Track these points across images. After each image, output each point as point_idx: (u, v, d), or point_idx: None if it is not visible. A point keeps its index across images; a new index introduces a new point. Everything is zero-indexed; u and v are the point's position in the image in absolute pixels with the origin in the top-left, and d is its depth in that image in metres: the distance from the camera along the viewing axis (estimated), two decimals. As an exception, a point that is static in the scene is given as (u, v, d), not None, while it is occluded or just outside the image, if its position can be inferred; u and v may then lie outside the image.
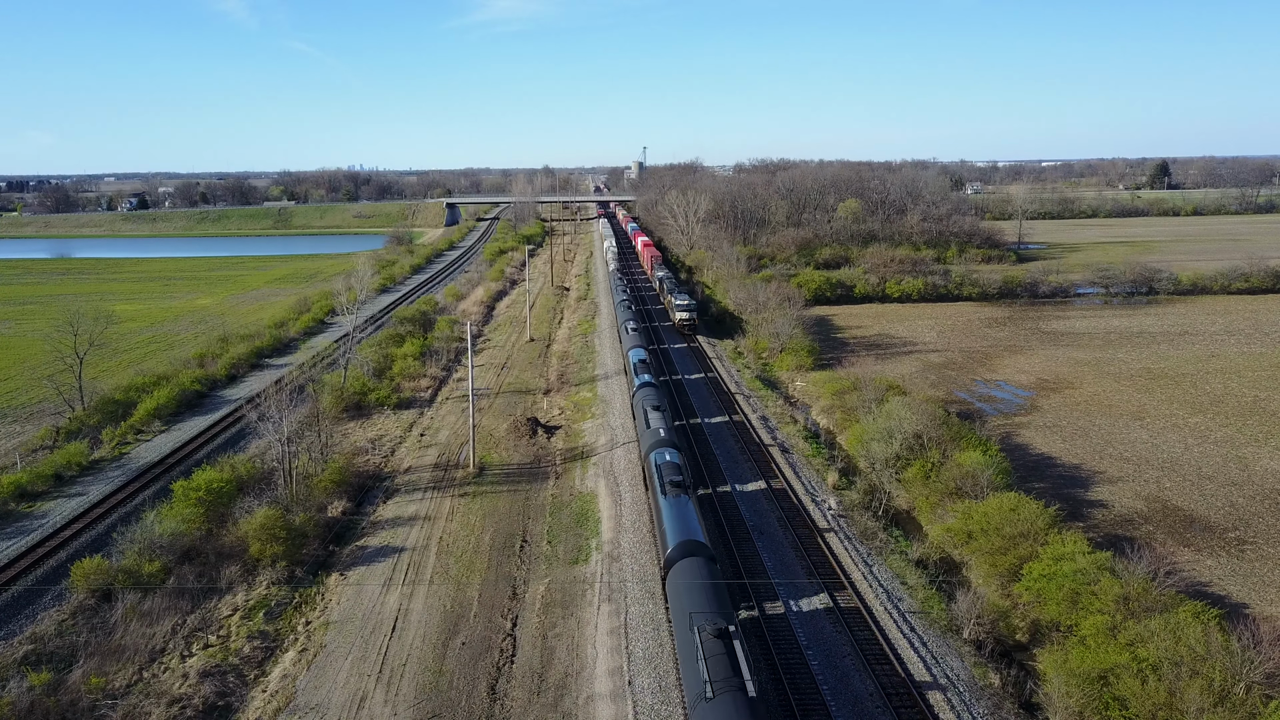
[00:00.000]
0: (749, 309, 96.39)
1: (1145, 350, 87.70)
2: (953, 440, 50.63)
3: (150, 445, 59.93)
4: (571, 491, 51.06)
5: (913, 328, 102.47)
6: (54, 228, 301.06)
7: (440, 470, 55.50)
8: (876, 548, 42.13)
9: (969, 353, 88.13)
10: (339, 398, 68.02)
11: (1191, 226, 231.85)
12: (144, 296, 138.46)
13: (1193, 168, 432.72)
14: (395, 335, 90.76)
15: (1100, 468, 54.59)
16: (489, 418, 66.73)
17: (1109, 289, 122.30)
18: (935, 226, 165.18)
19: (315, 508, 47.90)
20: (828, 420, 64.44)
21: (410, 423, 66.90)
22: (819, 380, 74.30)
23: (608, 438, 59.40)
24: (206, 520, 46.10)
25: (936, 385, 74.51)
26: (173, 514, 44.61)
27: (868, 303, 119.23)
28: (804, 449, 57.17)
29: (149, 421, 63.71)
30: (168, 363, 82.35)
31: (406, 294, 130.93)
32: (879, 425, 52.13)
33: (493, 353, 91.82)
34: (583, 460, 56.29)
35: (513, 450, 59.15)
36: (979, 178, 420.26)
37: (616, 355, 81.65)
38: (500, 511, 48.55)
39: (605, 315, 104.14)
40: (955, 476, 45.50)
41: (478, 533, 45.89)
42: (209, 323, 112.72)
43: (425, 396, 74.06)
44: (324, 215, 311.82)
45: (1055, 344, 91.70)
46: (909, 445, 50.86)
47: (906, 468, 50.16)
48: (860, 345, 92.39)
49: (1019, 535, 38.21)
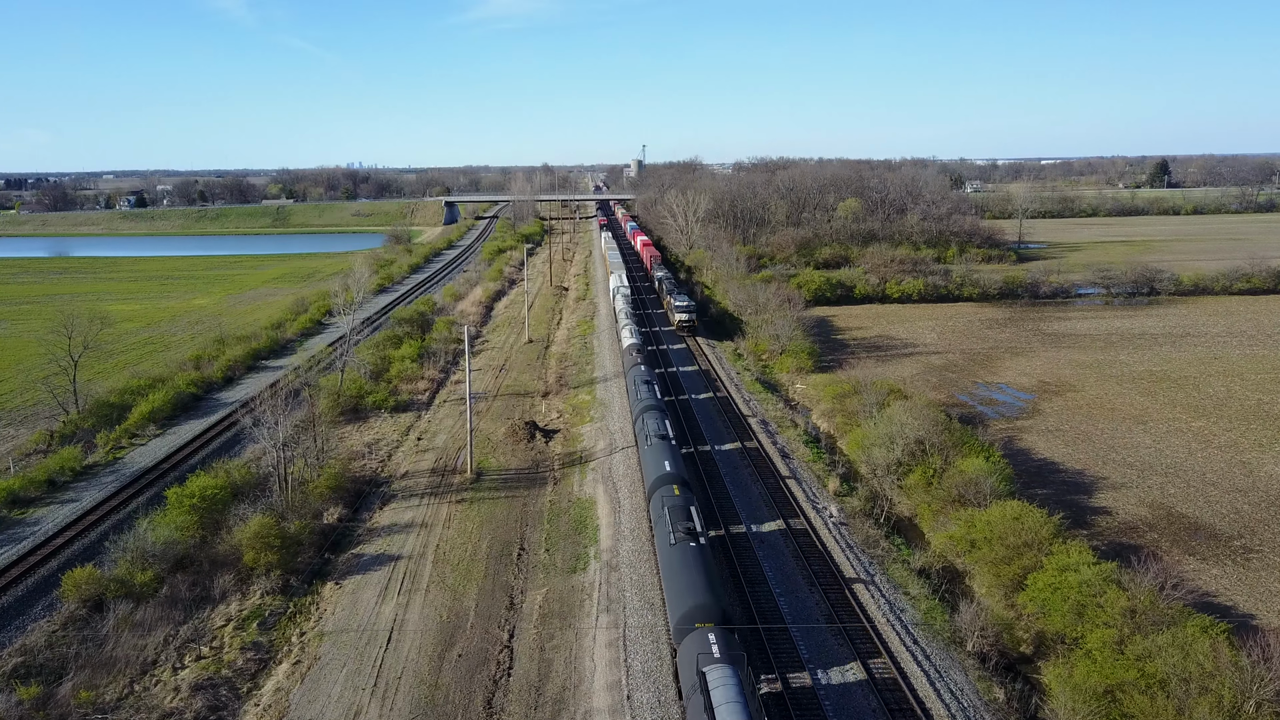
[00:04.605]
0: (749, 310, 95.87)
1: (1147, 352, 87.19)
2: (955, 446, 50.12)
3: (145, 450, 59.36)
4: (570, 497, 50.53)
5: (913, 329, 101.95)
6: (51, 226, 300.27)
7: (437, 476, 54.96)
8: (878, 556, 41.62)
9: (970, 354, 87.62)
10: (336, 401, 67.46)
11: (1192, 226, 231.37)
12: (141, 296, 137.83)
13: (1192, 166, 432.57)
14: (393, 337, 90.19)
15: (1103, 473, 54.09)
16: (487, 421, 66.19)
17: (1110, 289, 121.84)
18: (935, 226, 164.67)
19: (311, 514, 47.35)
20: (828, 424, 63.93)
21: (408, 426, 66.35)
22: (819, 383, 73.80)
23: (606, 442, 58.88)
24: (201, 527, 45.57)
25: (937, 388, 74.01)
26: (166, 521, 44.07)
27: (868, 303, 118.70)
28: (804, 454, 56.66)
29: (144, 425, 63.13)
30: (164, 365, 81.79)
31: (405, 294, 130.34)
32: (880, 430, 51.62)
33: (491, 354, 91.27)
34: (581, 465, 55.77)
35: (510, 455, 58.62)
36: (978, 176, 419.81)
37: (615, 357, 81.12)
38: (498, 518, 48.02)
39: (604, 317, 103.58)
40: (958, 483, 44.99)
41: (475, 540, 45.37)
42: (206, 323, 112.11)
43: (423, 399, 73.52)
44: (322, 214, 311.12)
45: (1057, 345, 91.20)
46: (910, 451, 50.36)
47: (908, 474, 49.67)
48: (860, 347, 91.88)
49: (1023, 545, 37.71)
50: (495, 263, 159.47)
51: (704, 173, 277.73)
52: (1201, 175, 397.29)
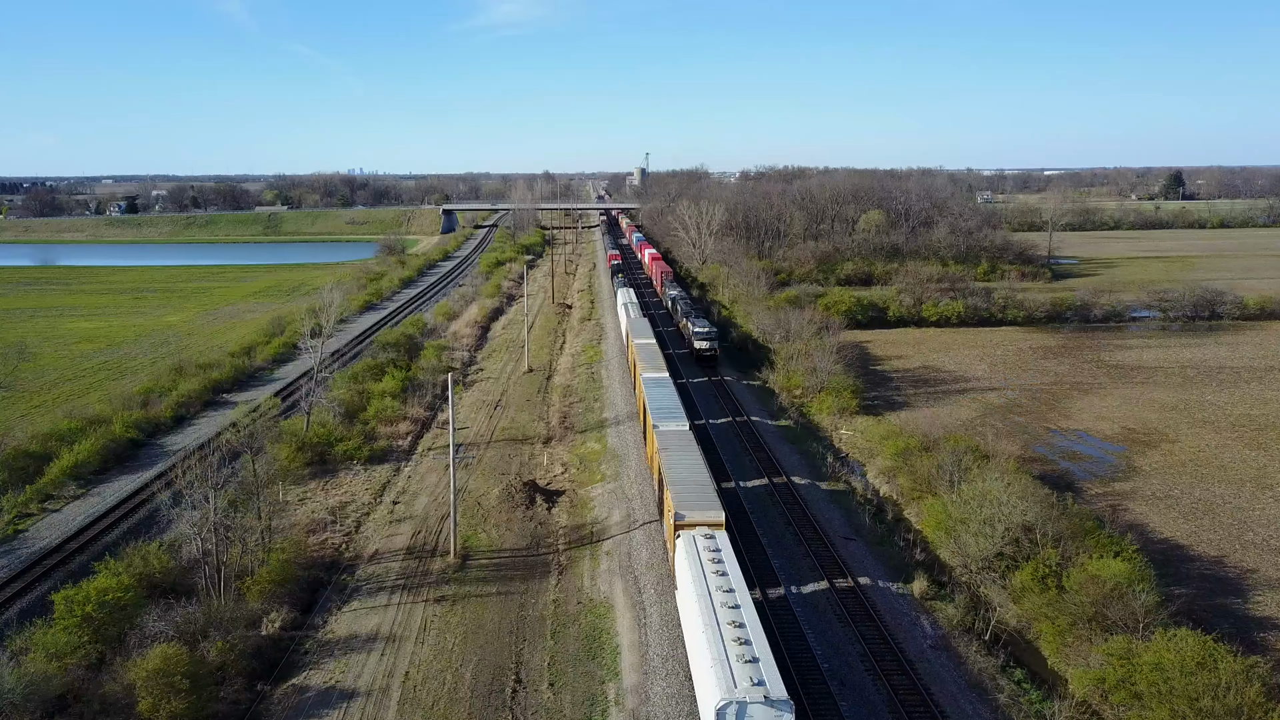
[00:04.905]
0: (777, 337, 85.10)
1: (1234, 390, 76.36)
2: (1073, 536, 39.31)
3: (57, 518, 48.50)
4: (579, 598, 39.66)
5: (958, 358, 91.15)
6: (34, 232, 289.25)
7: (414, 558, 44.13)
8: (1000, 705, 30.77)
9: (1032, 392, 76.75)
10: (298, 451, 56.62)
11: (1222, 240, 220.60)
12: (109, 312, 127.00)
13: (1200, 177, 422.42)
14: (374, 366, 79.34)
15: (1249, 562, 43.27)
16: (478, 478, 55.39)
17: (1167, 313, 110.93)
18: (964, 240, 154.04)
19: (245, 622, 36.53)
20: (889, 487, 53.05)
21: (383, 483, 55.53)
22: (869, 429, 63.03)
23: (623, 511, 48.07)
24: (98, 640, 34.82)
25: (1007, 436, 63.10)
26: (46, 642, 33.29)
27: (902, 326, 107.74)
28: (870, 530, 45.92)
29: (63, 484, 52.29)
30: (109, 399, 70.72)
31: (393, 312, 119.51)
32: (974, 512, 40.76)
33: (486, 386, 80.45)
34: (592, 546, 44.93)
35: (505, 527, 47.78)
36: (987, 186, 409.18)
37: (628, 393, 70.38)
38: (487, 629, 37.15)
39: (612, 342, 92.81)
40: (1093, 595, 34.14)
41: (456, 664, 34.49)
42: (172, 344, 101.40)
43: (403, 445, 62.70)
44: (315, 221, 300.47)
45: (1127, 381, 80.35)
46: (1014, 538, 39.56)
47: (1013, 569, 38.87)
48: (905, 381, 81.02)
49: (1225, 713, 26.83)
50: (493, 276, 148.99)
51: (711, 181, 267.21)
52: (1215, 187, 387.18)
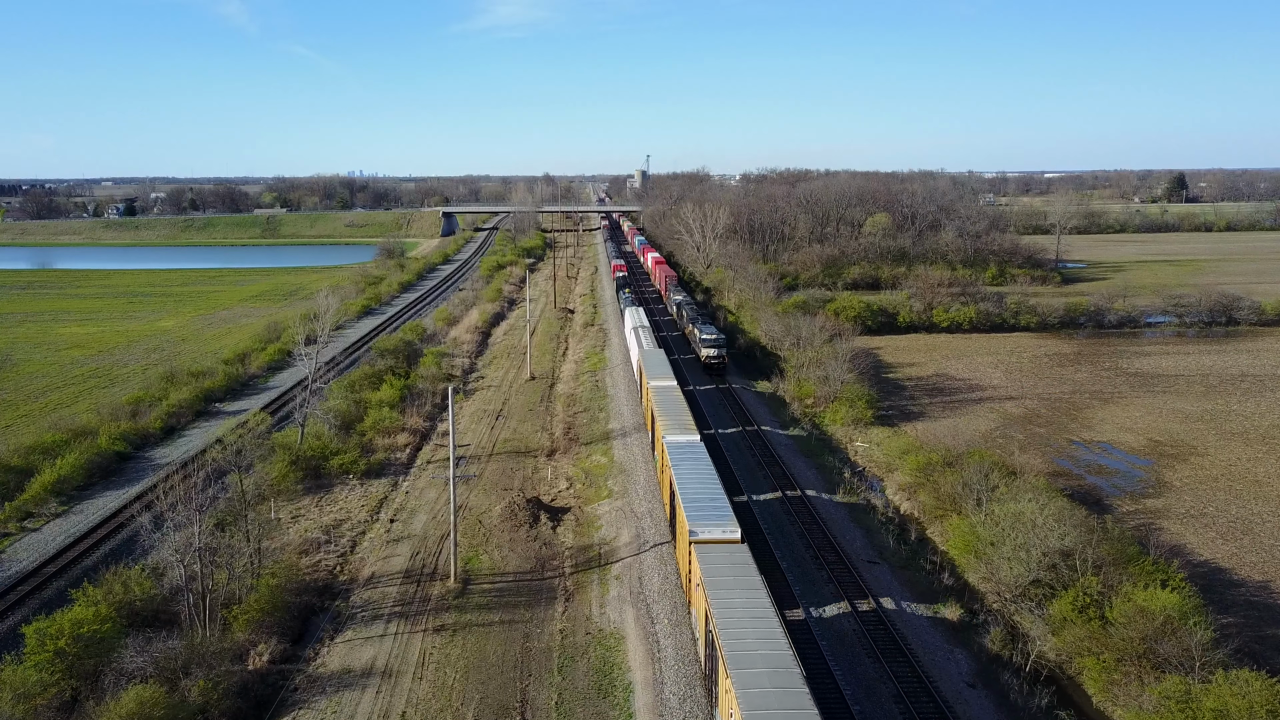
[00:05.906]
0: (787, 343, 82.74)
1: (1260, 399, 73.97)
2: (1115, 562, 36.89)
3: (35, 539, 46.04)
4: (588, 627, 37.22)
5: (972, 365, 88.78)
6: (30, 235, 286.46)
7: (412, 582, 41.70)
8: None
9: (1051, 401, 74.34)
10: (291, 466, 54.19)
11: (1230, 244, 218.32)
12: (102, 317, 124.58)
13: (1202, 180, 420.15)
14: (372, 374, 76.89)
15: (1296, 588, 40.87)
16: (479, 494, 52.96)
17: (1183, 318, 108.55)
18: (972, 244, 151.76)
19: (231, 656, 34.11)
20: (910, 504, 50.64)
21: (380, 499, 53.13)
22: (885, 440, 60.69)
23: (632, 531, 45.65)
24: (71, 677, 32.41)
25: (1029, 448, 60.64)
26: (14, 680, 30.84)
27: (913, 332, 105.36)
28: (894, 551, 43.54)
29: (44, 501, 49.86)
30: (97, 408, 68.27)
31: (392, 317, 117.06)
32: (1008, 536, 38.33)
33: (487, 395, 78.01)
34: (600, 569, 42.49)
35: (508, 548, 45.35)
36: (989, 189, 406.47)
37: (633, 402, 68.06)
38: (490, 662, 34.72)
39: (616, 348, 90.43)
40: (1141, 629, 31.72)
41: (457, 705, 32.04)
42: (166, 350, 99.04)
43: (402, 458, 60.27)
44: (314, 224, 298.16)
45: (1148, 389, 77.94)
46: (1051, 563, 37.15)
47: (1050, 598, 36.46)
48: (919, 389, 78.60)
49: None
50: (494, 280, 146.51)
51: (714, 184, 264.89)
52: (1218, 190, 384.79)
